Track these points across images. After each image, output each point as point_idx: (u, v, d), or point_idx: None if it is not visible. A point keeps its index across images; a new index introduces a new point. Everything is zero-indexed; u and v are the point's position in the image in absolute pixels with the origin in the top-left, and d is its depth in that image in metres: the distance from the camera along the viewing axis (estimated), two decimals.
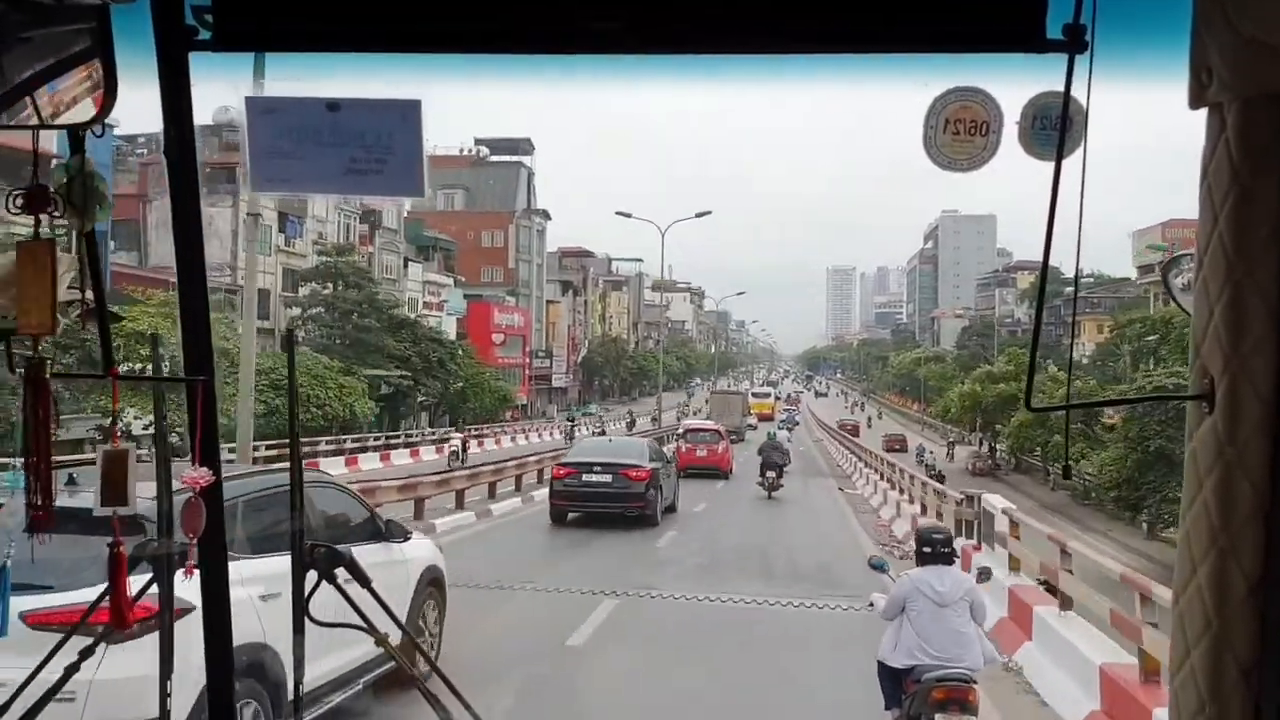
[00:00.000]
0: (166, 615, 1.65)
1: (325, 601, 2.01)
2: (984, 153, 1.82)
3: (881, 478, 25.40)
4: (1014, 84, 1.70)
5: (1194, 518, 1.09)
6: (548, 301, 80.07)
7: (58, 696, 2.01)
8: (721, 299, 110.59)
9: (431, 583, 7.49)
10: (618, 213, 43.25)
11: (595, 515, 16.82)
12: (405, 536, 7.27)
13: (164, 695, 1.65)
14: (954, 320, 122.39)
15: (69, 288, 1.45)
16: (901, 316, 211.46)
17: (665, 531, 16.46)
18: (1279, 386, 1.04)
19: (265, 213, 40.07)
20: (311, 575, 1.84)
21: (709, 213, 42.52)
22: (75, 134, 1.42)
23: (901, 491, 21.27)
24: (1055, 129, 1.50)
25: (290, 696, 1.82)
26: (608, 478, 17.43)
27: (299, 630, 1.79)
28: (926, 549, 5.79)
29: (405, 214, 51.98)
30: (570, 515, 17.31)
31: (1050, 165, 1.30)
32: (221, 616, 1.66)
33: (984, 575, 6.52)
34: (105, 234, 31.49)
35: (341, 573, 1.92)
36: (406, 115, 1.51)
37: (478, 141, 75.33)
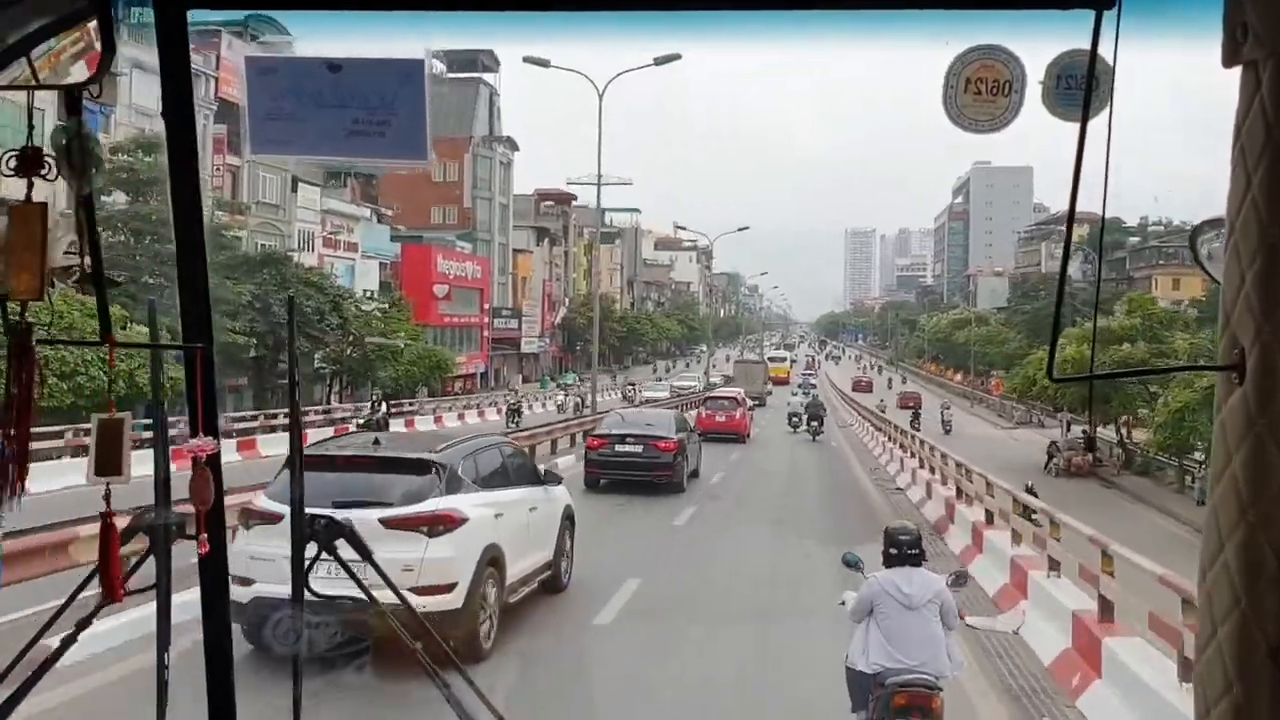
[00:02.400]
0: (164, 585, 1.66)
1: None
2: (1006, 114, 1.79)
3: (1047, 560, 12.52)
4: (1038, 42, 1.69)
5: (1222, 491, 1.10)
6: (515, 250, 65.87)
7: (404, 567, 7.02)
8: (718, 236, 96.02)
9: (568, 517, 10.78)
10: (526, 59, 28.87)
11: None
12: (557, 482, 10.82)
13: (161, 666, 1.70)
14: (992, 279, 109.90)
15: (66, 253, 1.47)
16: (926, 278, 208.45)
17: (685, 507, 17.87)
18: None
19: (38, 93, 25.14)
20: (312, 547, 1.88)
21: (677, 57, 28.00)
22: (72, 95, 1.45)
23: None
24: (1080, 89, 1.50)
25: (301, 654, 1.93)
26: (638, 448, 19.19)
27: (298, 602, 1.80)
28: (893, 550, 5.74)
29: None
30: (602, 481, 19.21)
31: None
32: (220, 585, 1.68)
33: (960, 580, 6.42)
34: None
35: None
36: (410, 75, 1.52)
37: (429, 54, 59.94)
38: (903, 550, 5.74)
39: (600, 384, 44.93)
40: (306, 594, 1.79)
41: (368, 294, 46.39)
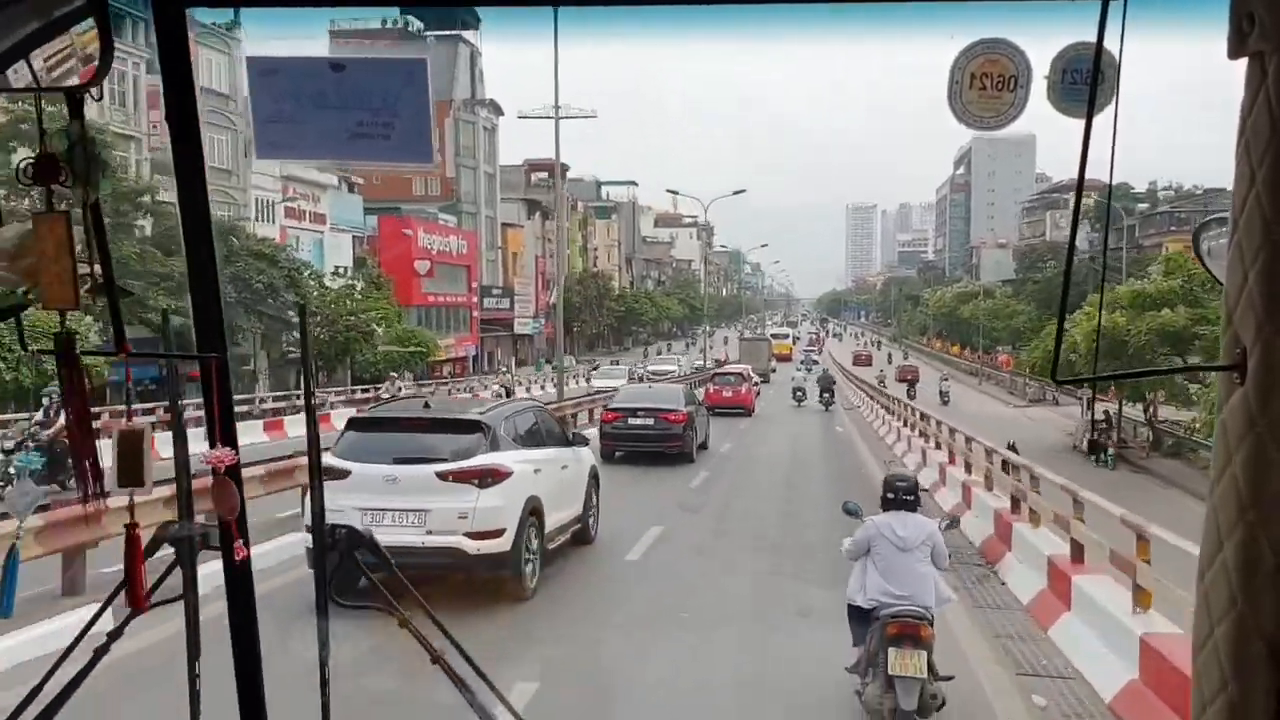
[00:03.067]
0: (191, 597, 1.69)
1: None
2: (1011, 109, 1.78)
3: None
4: (1043, 36, 1.71)
5: (1222, 491, 1.10)
6: (504, 225, 62.33)
7: (459, 514, 8.63)
8: (712, 200, 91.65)
9: (594, 477, 11.78)
10: None
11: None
12: (584, 443, 12.13)
13: (192, 676, 1.72)
14: (995, 250, 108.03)
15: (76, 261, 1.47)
16: (927, 253, 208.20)
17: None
18: None
19: None
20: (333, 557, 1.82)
21: None
22: (73, 97, 1.42)
23: None
24: (1086, 82, 1.50)
25: (319, 660, 1.81)
26: (650, 421, 20.04)
27: (322, 612, 1.77)
28: (890, 495, 6.30)
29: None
30: (617, 453, 19.75)
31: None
32: (246, 597, 1.68)
33: (952, 524, 7.05)
34: None
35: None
36: (413, 75, 1.49)
37: (404, 10, 56.12)
38: (899, 496, 6.31)
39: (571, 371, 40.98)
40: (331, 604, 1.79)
41: (339, 270, 42.95)
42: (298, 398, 31.87)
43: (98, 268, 1.43)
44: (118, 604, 1.60)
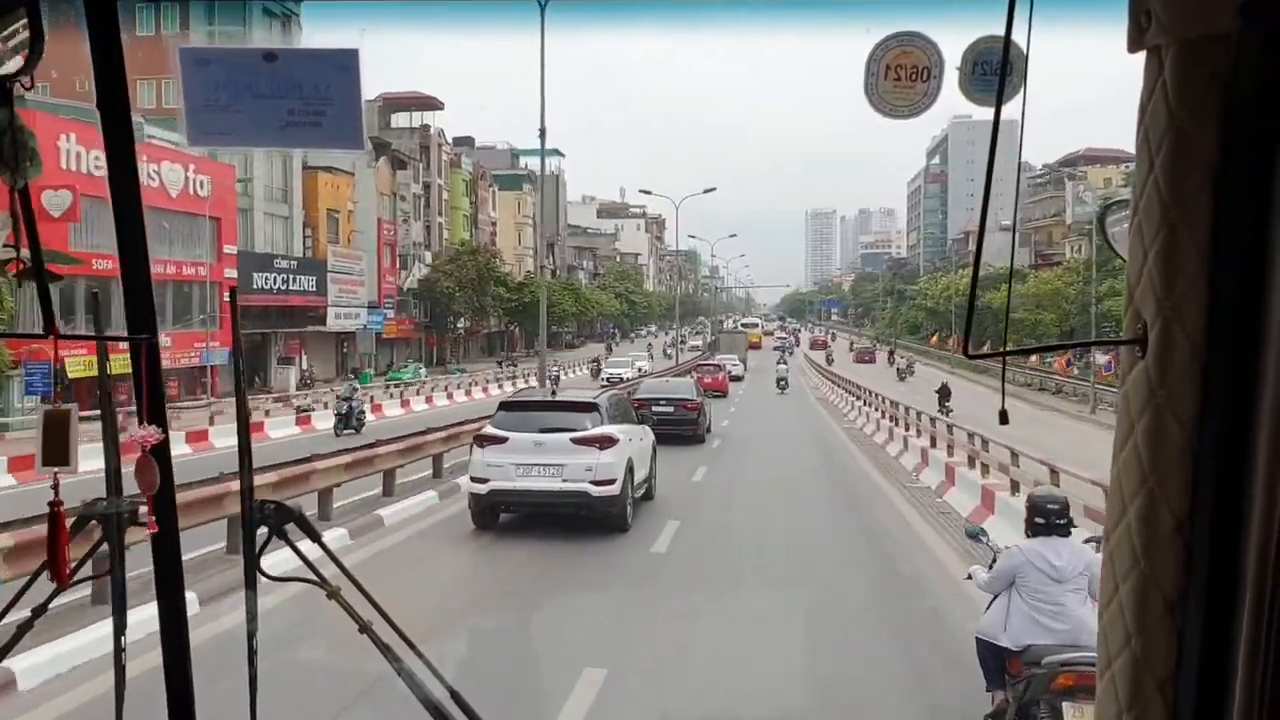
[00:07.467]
0: (119, 572, 1.72)
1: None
2: (924, 99, 1.76)
3: None
4: (955, 30, 1.74)
5: (1125, 460, 1.16)
6: (315, 168, 34.92)
7: (586, 468, 12.44)
8: (683, 199, 68.07)
9: (654, 447, 16.42)
10: None
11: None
12: (649, 423, 17.83)
13: (118, 650, 1.75)
14: (997, 234, 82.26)
15: (4, 246, 1.52)
16: (896, 250, 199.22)
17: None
18: (1209, 329, 1.11)
19: None
20: (263, 532, 1.86)
21: None
22: (3, 87, 1.46)
23: None
24: (995, 74, 1.51)
25: (257, 635, 1.82)
26: (670, 408, 24.19)
27: (250, 586, 1.80)
28: (1040, 519, 5.68)
29: None
30: None
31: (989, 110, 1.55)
32: (174, 575, 1.71)
33: (1098, 541, 7.07)
34: None
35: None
36: (344, 65, 1.48)
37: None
38: (1050, 520, 5.61)
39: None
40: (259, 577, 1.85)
41: None
42: None
43: (25, 251, 1.46)
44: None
